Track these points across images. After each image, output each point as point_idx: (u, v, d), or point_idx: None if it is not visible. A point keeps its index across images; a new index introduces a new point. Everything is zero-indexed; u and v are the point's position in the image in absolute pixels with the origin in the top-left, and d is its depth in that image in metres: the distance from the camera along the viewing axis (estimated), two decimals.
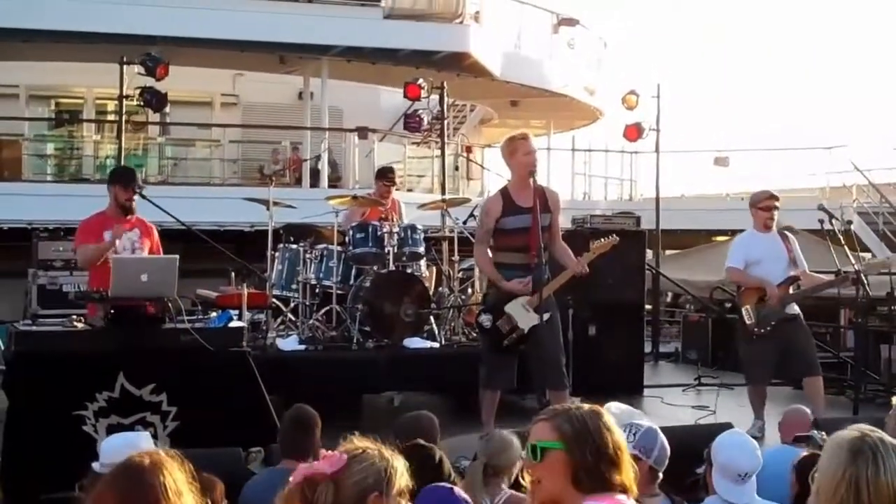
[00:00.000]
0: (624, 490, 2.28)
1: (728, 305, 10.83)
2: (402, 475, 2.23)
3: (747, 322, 6.75)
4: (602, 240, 6.06)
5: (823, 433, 4.14)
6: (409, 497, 2.26)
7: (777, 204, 6.88)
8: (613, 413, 3.96)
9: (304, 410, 4.34)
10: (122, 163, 10.73)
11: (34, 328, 5.53)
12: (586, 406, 2.38)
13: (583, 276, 5.99)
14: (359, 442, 2.28)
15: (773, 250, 6.81)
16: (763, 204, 6.89)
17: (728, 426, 5.52)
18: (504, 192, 5.99)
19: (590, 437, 2.28)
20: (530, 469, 2.33)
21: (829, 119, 44.50)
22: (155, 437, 5.31)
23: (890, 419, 4.26)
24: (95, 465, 3.75)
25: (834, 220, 7.25)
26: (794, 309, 6.81)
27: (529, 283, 5.79)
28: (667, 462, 3.62)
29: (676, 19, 59.40)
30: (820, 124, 43.80)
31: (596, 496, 2.25)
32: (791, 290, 6.77)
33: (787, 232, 7.04)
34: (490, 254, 6.11)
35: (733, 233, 14.67)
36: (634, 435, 3.43)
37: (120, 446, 3.75)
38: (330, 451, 2.25)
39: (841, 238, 7.40)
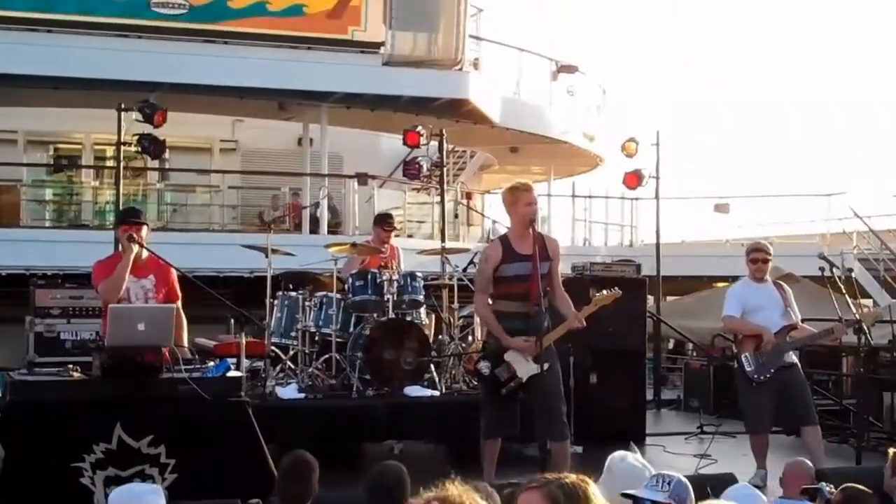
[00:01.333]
0: None
1: (729, 353, 10.77)
2: None
3: (746, 369, 6.75)
4: (605, 292, 6.03)
5: (832, 486, 4.08)
6: None
7: (764, 256, 6.93)
8: (632, 464, 3.92)
9: (301, 456, 4.30)
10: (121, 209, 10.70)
11: (30, 377, 5.48)
12: (573, 476, 2.37)
13: (579, 329, 5.95)
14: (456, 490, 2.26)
15: (769, 299, 6.87)
16: (751, 256, 6.99)
17: (730, 476, 5.46)
18: (503, 240, 6.00)
19: None
20: None
21: (828, 166, 44.73)
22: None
23: (887, 469, 4.23)
24: None
25: (834, 269, 7.28)
26: (792, 357, 6.84)
27: (533, 342, 5.73)
28: None
29: (675, 67, 59.97)
30: (819, 171, 43.99)
31: None
32: (787, 339, 6.78)
33: (781, 282, 7.05)
34: (490, 302, 6.09)
35: (734, 279, 14.67)
36: (669, 485, 3.38)
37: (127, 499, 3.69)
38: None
39: (842, 286, 7.37)
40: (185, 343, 5.86)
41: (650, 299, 10.71)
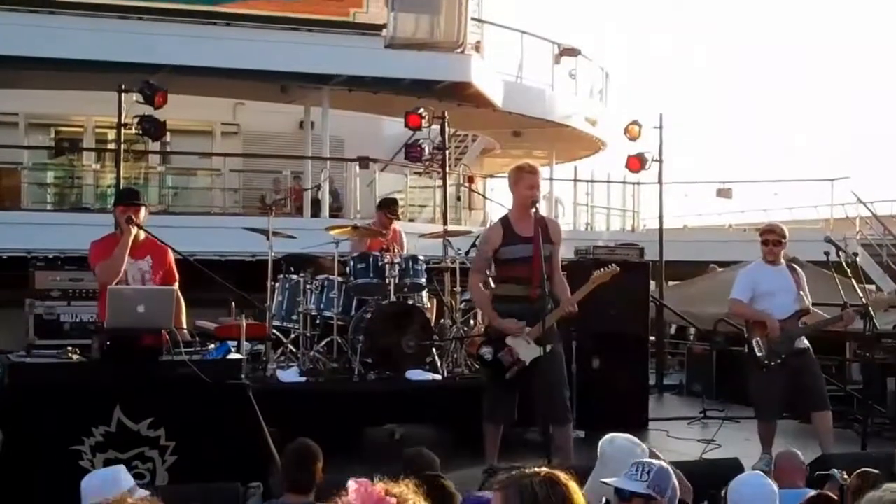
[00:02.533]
0: None
1: (732, 338, 10.73)
2: None
3: (757, 354, 6.66)
4: (602, 270, 5.99)
5: (844, 472, 4.03)
6: None
7: (777, 238, 6.81)
8: (622, 444, 3.87)
9: (305, 445, 4.29)
10: None
11: (28, 360, 5.41)
12: (543, 472, 2.30)
13: (573, 315, 5.90)
14: (394, 487, 2.21)
15: (781, 282, 6.74)
16: (763, 238, 6.88)
17: (735, 461, 5.43)
18: (504, 221, 5.94)
19: None
20: None
21: (832, 150, 44.60)
22: (153, 472, 5.24)
23: None
24: None
25: (841, 253, 7.19)
26: (804, 342, 6.73)
27: (524, 325, 5.71)
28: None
29: (679, 50, 59.74)
30: (823, 156, 43.88)
31: None
32: (799, 324, 6.69)
33: (795, 265, 6.96)
34: (492, 284, 6.05)
35: (736, 264, 14.63)
36: (648, 474, 3.26)
37: (101, 485, 3.66)
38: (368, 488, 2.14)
39: (848, 270, 7.31)
40: (184, 325, 5.81)
41: (652, 285, 10.66)
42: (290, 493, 4.17)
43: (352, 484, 2.16)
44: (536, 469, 2.32)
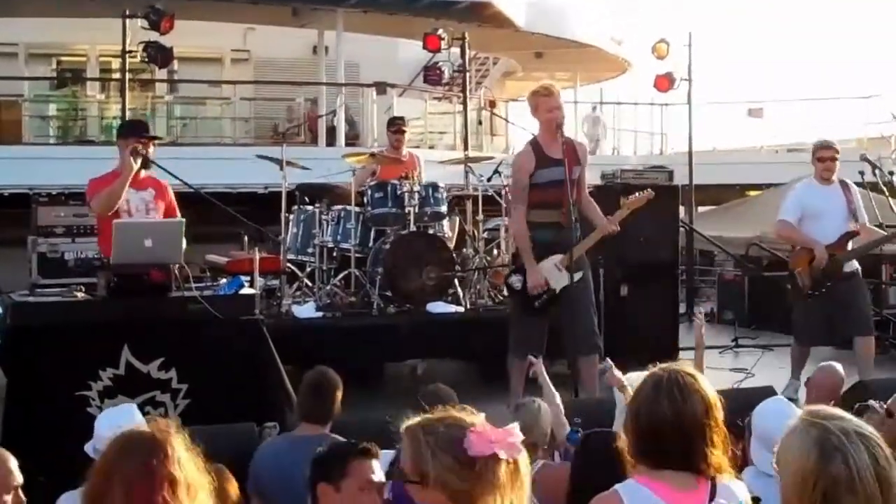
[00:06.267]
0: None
1: (765, 263, 10.53)
2: None
3: (800, 284, 6.49)
4: (637, 194, 5.82)
5: (881, 402, 3.87)
6: None
7: (833, 154, 6.53)
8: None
9: (325, 374, 4.14)
10: None
11: (31, 299, 5.20)
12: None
13: (613, 235, 5.78)
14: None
15: (832, 203, 6.48)
16: (818, 154, 6.59)
17: (769, 389, 5.22)
18: (534, 144, 5.78)
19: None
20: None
21: (865, 69, 43.53)
22: (165, 417, 5.01)
23: None
24: (88, 448, 3.49)
25: (876, 171, 7.01)
26: (853, 265, 6.54)
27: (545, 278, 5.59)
28: None
29: None
30: (857, 74, 42.86)
31: None
32: (849, 246, 6.46)
33: (848, 182, 6.64)
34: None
35: (767, 187, 14.24)
36: None
37: (114, 424, 3.45)
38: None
39: (885, 189, 7.04)
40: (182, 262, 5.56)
41: (682, 210, 10.40)
42: (305, 423, 4.03)
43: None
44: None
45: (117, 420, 3.45)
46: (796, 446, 1.95)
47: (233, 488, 3.46)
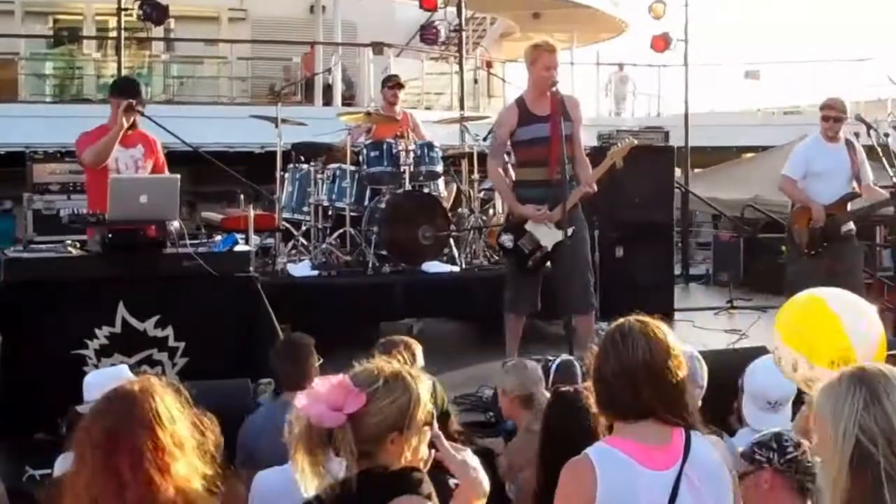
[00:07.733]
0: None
1: (761, 225, 10.50)
2: (424, 406, 2.11)
3: (796, 241, 6.51)
4: (618, 145, 5.74)
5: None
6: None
7: (837, 114, 6.47)
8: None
9: (291, 340, 4.16)
10: None
11: (24, 255, 5.18)
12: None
13: (590, 194, 5.65)
14: (380, 363, 2.14)
15: (836, 162, 6.45)
16: (823, 113, 6.55)
17: (763, 350, 5.21)
18: (519, 102, 5.69)
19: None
20: None
21: (860, 30, 43.20)
22: (163, 375, 5.03)
23: None
24: (80, 408, 3.45)
25: (872, 132, 6.89)
26: (850, 227, 6.53)
27: (545, 210, 5.49)
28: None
29: None
30: (852, 37, 42.53)
31: None
32: (849, 207, 6.46)
33: (853, 141, 6.61)
34: (511, 172, 5.79)
35: (763, 149, 14.18)
36: None
37: (105, 382, 3.45)
38: (338, 378, 2.09)
39: (880, 151, 7.01)
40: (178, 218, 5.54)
41: (677, 172, 10.37)
42: (289, 391, 3.96)
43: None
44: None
45: (106, 381, 3.44)
46: (834, 401, 1.92)
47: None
